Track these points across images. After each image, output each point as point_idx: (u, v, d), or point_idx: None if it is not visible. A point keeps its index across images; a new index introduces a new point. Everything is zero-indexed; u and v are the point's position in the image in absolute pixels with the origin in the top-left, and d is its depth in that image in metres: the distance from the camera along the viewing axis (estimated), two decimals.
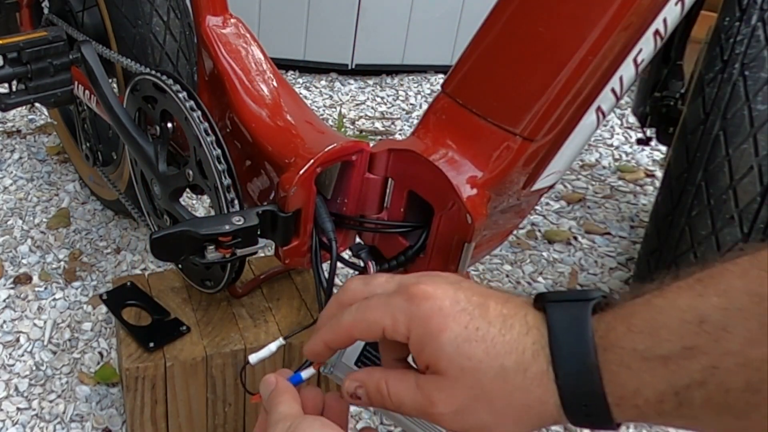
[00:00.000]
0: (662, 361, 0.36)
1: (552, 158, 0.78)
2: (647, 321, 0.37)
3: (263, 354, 0.57)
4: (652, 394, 0.37)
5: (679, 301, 0.37)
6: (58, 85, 1.09)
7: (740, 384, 0.34)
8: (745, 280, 0.35)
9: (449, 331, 0.40)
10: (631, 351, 0.37)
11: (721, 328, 0.35)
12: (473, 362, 0.40)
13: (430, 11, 2.14)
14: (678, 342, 0.36)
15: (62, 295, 1.22)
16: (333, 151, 0.75)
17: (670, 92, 1.25)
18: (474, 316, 0.41)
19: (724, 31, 0.96)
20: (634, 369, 0.37)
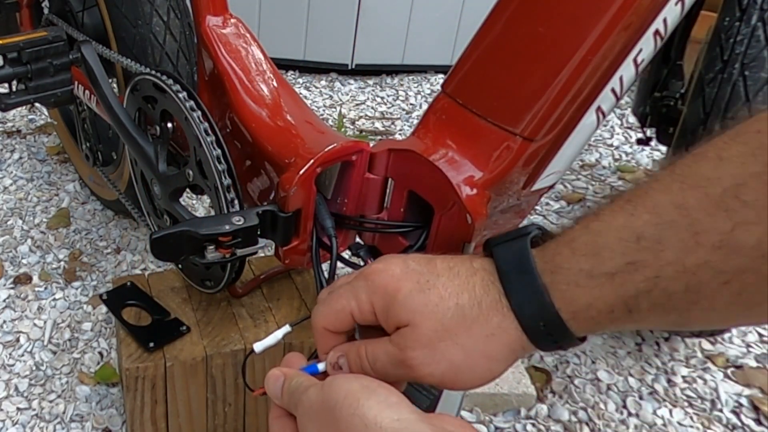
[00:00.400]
0: (608, 278, 0.40)
1: (552, 158, 0.78)
2: (588, 244, 0.41)
3: (269, 341, 0.57)
4: (603, 306, 0.40)
5: (614, 222, 0.40)
6: (58, 85, 1.09)
7: (681, 287, 0.38)
8: (669, 195, 0.38)
9: (404, 289, 0.44)
10: (577, 271, 0.41)
11: (657, 242, 0.38)
12: (430, 306, 0.44)
13: (430, 11, 2.14)
14: (620, 259, 0.39)
15: (62, 295, 1.22)
16: (333, 151, 0.75)
17: (670, 92, 1.25)
18: (423, 272, 0.45)
19: (724, 31, 0.96)
20: (582, 286, 0.40)
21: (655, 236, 0.38)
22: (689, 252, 0.37)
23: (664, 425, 1.05)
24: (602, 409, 1.07)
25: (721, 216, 0.36)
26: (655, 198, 0.39)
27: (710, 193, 0.37)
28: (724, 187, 0.36)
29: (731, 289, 0.37)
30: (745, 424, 1.06)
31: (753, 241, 0.35)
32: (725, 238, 0.36)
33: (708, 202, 0.37)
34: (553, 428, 1.04)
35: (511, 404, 1.05)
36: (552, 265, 0.42)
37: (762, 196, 0.35)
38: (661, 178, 0.40)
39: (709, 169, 0.37)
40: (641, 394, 1.11)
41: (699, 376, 1.14)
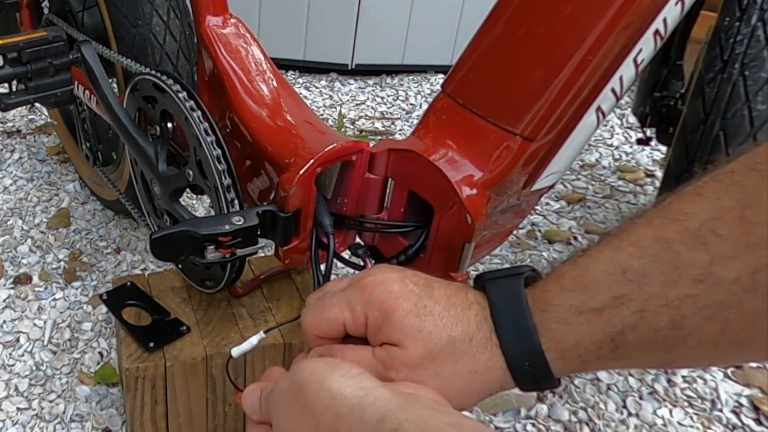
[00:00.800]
0: (596, 313, 0.40)
1: (552, 158, 0.78)
2: (576, 279, 0.42)
3: (245, 347, 0.59)
4: (590, 343, 0.41)
5: (600, 256, 0.41)
6: (58, 85, 1.09)
7: (666, 323, 0.38)
8: (651, 228, 0.39)
9: (401, 309, 0.45)
10: (567, 308, 0.41)
11: (641, 275, 0.39)
12: (423, 333, 0.44)
13: (430, 11, 2.14)
14: (607, 293, 0.40)
15: (62, 295, 1.22)
16: (333, 151, 0.75)
17: (670, 92, 1.25)
18: (421, 296, 0.45)
19: (724, 31, 0.96)
20: (571, 323, 0.41)
21: (639, 269, 0.39)
22: (671, 285, 0.38)
23: (664, 425, 1.05)
24: (602, 409, 1.07)
25: (699, 250, 0.37)
26: (639, 231, 0.40)
27: (689, 227, 0.38)
28: (701, 221, 0.37)
29: (716, 325, 0.37)
30: (745, 424, 1.06)
31: (731, 275, 0.36)
32: (705, 272, 0.37)
33: (687, 235, 0.37)
34: (553, 428, 1.04)
35: (511, 404, 1.05)
36: (542, 303, 0.43)
37: (735, 230, 0.36)
38: (645, 214, 0.41)
39: (687, 204, 0.39)
40: (641, 394, 1.11)
41: (699, 376, 1.14)
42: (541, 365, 0.42)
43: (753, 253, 0.35)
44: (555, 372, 0.43)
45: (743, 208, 0.36)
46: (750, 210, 0.35)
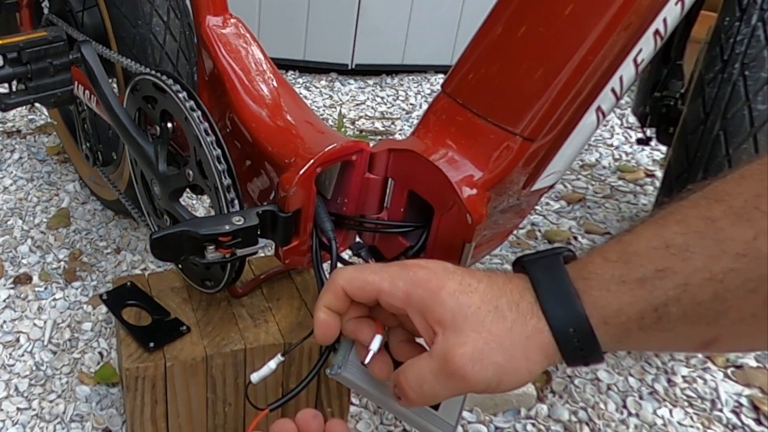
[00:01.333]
0: (639, 283, 0.42)
1: (552, 158, 0.78)
2: (620, 252, 0.43)
3: (264, 372, 0.60)
4: (633, 312, 0.42)
5: (644, 233, 0.43)
6: (58, 85, 1.09)
7: (709, 295, 0.40)
8: (697, 209, 0.41)
9: (447, 287, 0.46)
10: (609, 277, 0.43)
11: (685, 249, 0.40)
12: (473, 308, 0.45)
13: (430, 11, 2.14)
14: (650, 265, 0.42)
15: (62, 295, 1.22)
16: (333, 151, 0.75)
17: (670, 92, 1.25)
18: (464, 276, 0.47)
19: (724, 31, 0.96)
20: (613, 291, 0.43)
21: (683, 244, 0.41)
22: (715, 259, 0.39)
23: (664, 425, 1.05)
24: (602, 409, 1.07)
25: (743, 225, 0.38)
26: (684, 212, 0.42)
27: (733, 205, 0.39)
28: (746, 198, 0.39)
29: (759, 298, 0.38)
30: (745, 424, 1.06)
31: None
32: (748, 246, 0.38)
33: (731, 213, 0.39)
34: (553, 428, 1.04)
35: (511, 404, 1.05)
36: (585, 272, 0.44)
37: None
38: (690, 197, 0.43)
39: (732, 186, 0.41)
40: (641, 394, 1.11)
41: (699, 376, 1.14)
42: (586, 331, 0.43)
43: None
44: (600, 341, 0.44)
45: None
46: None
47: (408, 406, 0.50)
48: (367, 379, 0.56)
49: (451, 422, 0.56)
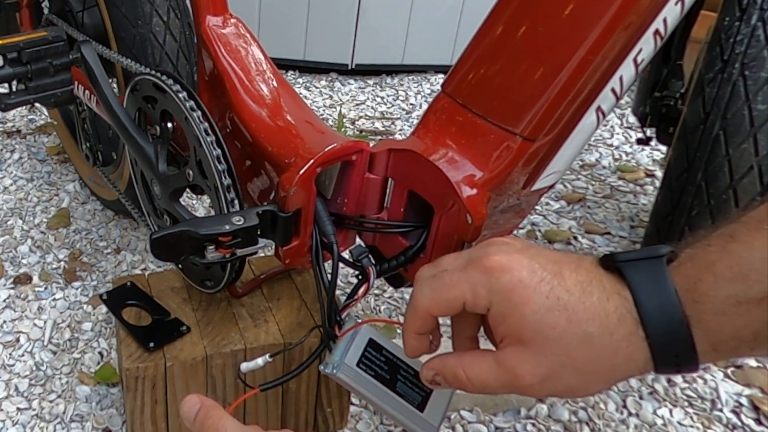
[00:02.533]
0: (756, 303, 0.38)
1: (552, 158, 0.78)
2: (732, 267, 0.39)
3: (251, 366, 0.62)
4: (747, 334, 0.39)
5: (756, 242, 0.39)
6: (58, 85, 1.09)
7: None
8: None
9: (532, 303, 0.42)
10: (724, 298, 0.39)
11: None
12: (557, 331, 0.41)
13: (430, 11, 2.14)
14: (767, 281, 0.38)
15: (62, 295, 1.22)
16: (333, 151, 0.75)
17: (670, 92, 1.25)
18: (553, 285, 0.42)
19: (724, 31, 0.96)
20: (729, 315, 0.39)
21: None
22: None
23: (664, 425, 1.05)
24: (602, 409, 1.07)
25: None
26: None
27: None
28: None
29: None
30: (746, 424, 1.06)
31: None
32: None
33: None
34: (553, 428, 1.04)
35: (511, 404, 1.05)
36: (695, 294, 0.40)
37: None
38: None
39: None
40: (641, 393, 1.11)
41: (699, 376, 1.14)
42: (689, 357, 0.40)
43: None
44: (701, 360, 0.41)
45: None
46: None
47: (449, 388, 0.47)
48: (360, 381, 0.57)
49: (435, 424, 0.57)
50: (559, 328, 0.41)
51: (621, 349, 0.41)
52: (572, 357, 0.41)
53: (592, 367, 0.42)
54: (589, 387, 0.43)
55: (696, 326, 0.40)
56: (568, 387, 0.42)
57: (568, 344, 0.41)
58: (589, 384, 0.42)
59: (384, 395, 0.57)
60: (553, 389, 0.43)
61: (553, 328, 0.41)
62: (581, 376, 0.42)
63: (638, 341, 0.41)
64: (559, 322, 0.41)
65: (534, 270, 0.43)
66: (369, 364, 0.57)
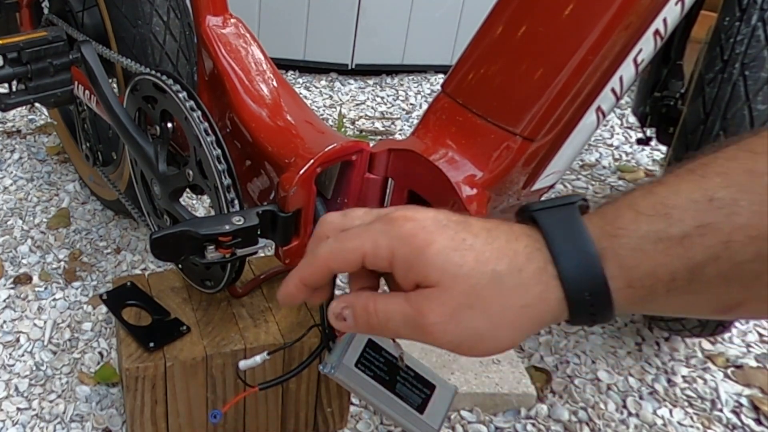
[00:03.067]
0: (677, 241, 0.37)
1: (552, 158, 0.78)
2: (655, 205, 0.38)
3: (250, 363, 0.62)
4: (665, 273, 0.38)
5: (682, 185, 0.38)
6: (58, 85, 1.09)
7: (750, 255, 0.36)
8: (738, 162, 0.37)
9: (436, 243, 0.40)
10: (643, 233, 0.38)
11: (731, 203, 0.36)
12: (465, 269, 0.40)
13: (430, 11, 2.14)
14: (691, 221, 0.37)
15: (62, 295, 1.22)
16: (333, 151, 0.75)
17: (670, 92, 1.25)
18: (458, 230, 0.41)
19: (724, 31, 0.96)
20: (647, 251, 0.38)
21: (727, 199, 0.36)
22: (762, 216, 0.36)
23: (664, 425, 1.05)
24: (602, 409, 1.07)
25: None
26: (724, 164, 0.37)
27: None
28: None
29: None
30: (745, 424, 1.06)
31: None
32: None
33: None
34: (553, 428, 1.04)
35: (511, 404, 1.05)
36: (613, 227, 0.39)
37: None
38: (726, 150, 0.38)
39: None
40: (641, 394, 1.11)
41: (699, 376, 1.14)
42: (603, 294, 0.39)
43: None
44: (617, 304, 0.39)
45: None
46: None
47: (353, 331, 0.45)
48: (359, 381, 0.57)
49: (434, 426, 0.57)
50: (466, 266, 0.40)
51: (531, 286, 0.40)
52: (481, 296, 0.40)
53: (501, 306, 0.40)
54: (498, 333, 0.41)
55: (611, 260, 0.39)
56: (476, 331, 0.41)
57: (477, 283, 0.40)
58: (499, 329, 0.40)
59: (383, 396, 0.57)
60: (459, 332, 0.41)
61: (461, 266, 0.40)
62: (490, 319, 0.40)
63: (549, 279, 0.40)
64: (466, 260, 0.40)
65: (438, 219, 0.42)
66: (368, 364, 0.57)
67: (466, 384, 1.04)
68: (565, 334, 1.21)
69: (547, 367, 1.14)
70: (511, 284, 0.40)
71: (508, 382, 1.06)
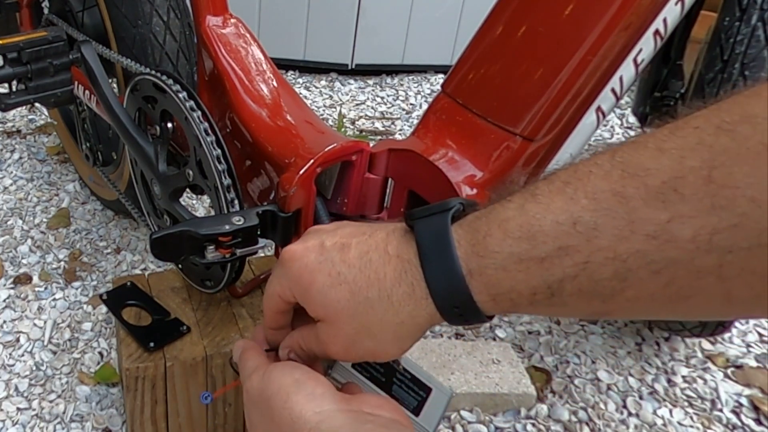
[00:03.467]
0: (537, 262, 0.40)
1: (552, 158, 0.78)
2: (523, 226, 0.40)
3: None
4: (525, 289, 0.41)
5: (552, 205, 0.40)
6: (58, 85, 1.09)
7: (608, 274, 0.38)
8: (609, 182, 0.38)
9: (316, 283, 0.46)
10: (507, 255, 0.41)
11: (592, 228, 0.38)
12: (342, 303, 0.45)
13: (430, 11, 2.14)
14: (552, 243, 0.39)
15: (62, 295, 1.22)
16: (333, 151, 0.75)
17: (670, 92, 1.25)
18: (335, 262, 0.46)
19: (724, 31, 0.96)
20: (510, 270, 0.41)
21: (590, 222, 0.38)
22: (623, 240, 0.37)
23: (664, 425, 1.05)
24: (602, 409, 1.07)
25: (658, 207, 0.36)
26: (595, 184, 0.39)
27: (649, 184, 0.37)
28: (663, 179, 0.36)
29: (660, 279, 0.37)
30: (745, 424, 1.06)
31: (688, 234, 0.35)
32: (660, 229, 0.36)
33: (646, 192, 0.37)
34: (553, 428, 1.04)
35: (511, 404, 1.05)
36: (481, 248, 0.42)
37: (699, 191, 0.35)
38: (601, 163, 0.39)
39: (648, 159, 0.37)
40: (641, 394, 1.11)
41: (699, 376, 1.14)
42: (470, 307, 0.43)
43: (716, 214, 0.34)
44: (485, 312, 0.43)
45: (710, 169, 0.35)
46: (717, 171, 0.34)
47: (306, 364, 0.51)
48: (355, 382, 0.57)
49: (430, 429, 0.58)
50: (343, 301, 0.45)
51: (401, 307, 0.44)
52: (362, 323, 0.45)
53: (380, 328, 0.45)
54: (386, 348, 0.46)
55: (476, 277, 0.42)
56: (368, 350, 0.46)
57: (354, 312, 0.45)
58: (386, 345, 0.46)
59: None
60: (356, 352, 0.47)
61: (338, 301, 0.45)
62: (374, 338, 0.45)
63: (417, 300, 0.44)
64: (342, 295, 0.45)
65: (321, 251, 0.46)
66: (365, 365, 0.57)
67: (466, 384, 1.04)
68: (565, 334, 1.21)
69: (547, 367, 1.14)
70: (382, 308, 0.45)
71: (508, 382, 1.06)
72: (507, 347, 1.13)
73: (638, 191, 0.37)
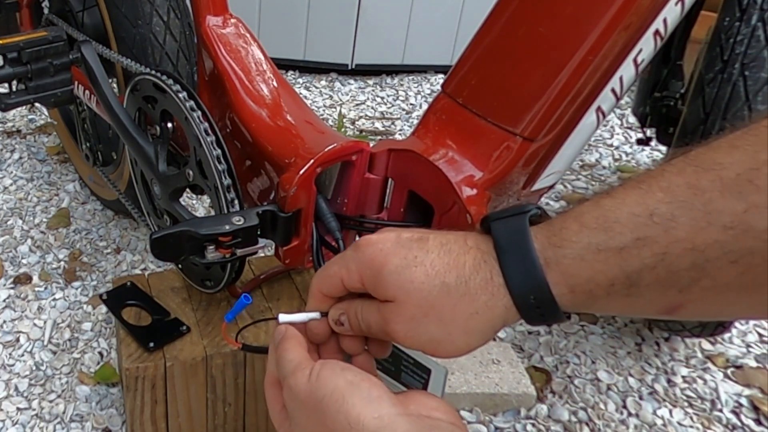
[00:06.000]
0: (616, 252, 0.40)
1: (552, 158, 0.78)
2: (599, 218, 0.41)
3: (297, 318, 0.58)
4: (604, 280, 0.41)
5: (627, 199, 0.41)
6: (58, 85, 1.09)
7: (687, 264, 0.39)
8: (683, 177, 0.39)
9: (390, 264, 0.45)
10: (585, 245, 0.41)
11: (669, 219, 0.39)
12: (416, 284, 0.44)
13: (430, 11, 2.14)
14: (630, 234, 0.40)
15: (62, 295, 1.22)
16: (333, 151, 0.75)
17: (670, 92, 1.25)
18: (412, 248, 0.46)
19: (724, 31, 0.96)
20: (588, 260, 0.41)
21: (667, 213, 0.39)
22: (700, 231, 0.38)
23: (664, 425, 1.05)
24: (602, 409, 1.07)
25: (734, 198, 0.37)
26: (669, 179, 0.40)
27: (724, 177, 0.38)
28: (738, 171, 0.37)
29: (737, 268, 0.38)
30: (745, 424, 1.06)
31: (765, 224, 0.36)
32: (737, 219, 0.37)
33: (721, 184, 0.38)
34: (553, 428, 1.04)
35: (511, 404, 1.05)
36: (558, 239, 0.42)
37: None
38: (675, 163, 0.41)
39: (722, 155, 0.38)
40: (641, 394, 1.11)
41: (699, 376, 1.14)
42: (547, 299, 0.42)
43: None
44: (562, 306, 0.43)
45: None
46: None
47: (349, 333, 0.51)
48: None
49: None
50: (416, 281, 0.44)
51: (478, 295, 0.43)
52: (433, 306, 0.44)
53: (452, 315, 0.44)
54: (453, 338, 0.45)
55: (554, 268, 0.42)
56: (432, 337, 0.45)
57: (428, 294, 0.44)
58: (453, 334, 0.45)
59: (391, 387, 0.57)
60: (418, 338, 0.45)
61: (411, 281, 0.44)
62: (443, 326, 0.44)
63: (494, 288, 0.43)
64: (416, 276, 0.44)
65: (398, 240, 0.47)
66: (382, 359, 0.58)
67: (466, 384, 1.04)
68: (565, 334, 1.21)
69: (547, 367, 1.14)
70: (458, 294, 0.44)
71: (507, 382, 1.06)
72: (507, 347, 1.13)
73: (714, 183, 0.38)
